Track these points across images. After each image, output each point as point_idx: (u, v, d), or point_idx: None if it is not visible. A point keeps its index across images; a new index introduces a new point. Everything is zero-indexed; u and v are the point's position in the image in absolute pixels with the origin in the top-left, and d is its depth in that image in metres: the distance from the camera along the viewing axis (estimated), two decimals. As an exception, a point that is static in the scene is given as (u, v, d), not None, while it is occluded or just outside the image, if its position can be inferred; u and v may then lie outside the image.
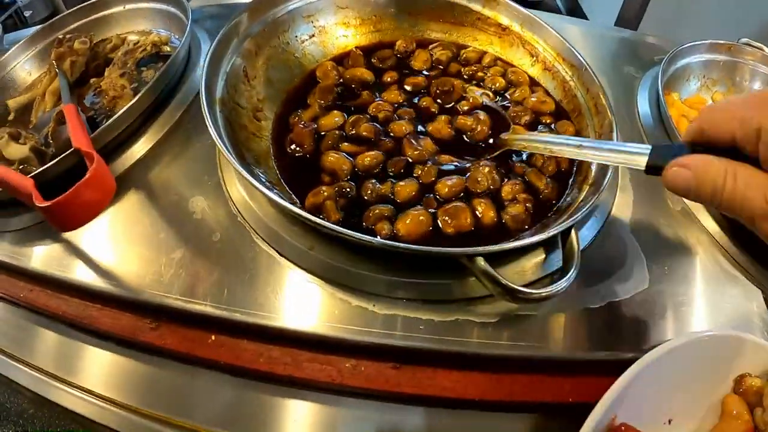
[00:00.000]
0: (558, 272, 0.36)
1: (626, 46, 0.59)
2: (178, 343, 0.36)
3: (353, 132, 0.43)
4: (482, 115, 0.45)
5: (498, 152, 0.43)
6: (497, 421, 0.35)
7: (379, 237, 0.35)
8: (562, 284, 0.32)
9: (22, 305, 0.42)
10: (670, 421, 0.37)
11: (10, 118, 0.55)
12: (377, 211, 0.37)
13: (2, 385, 0.41)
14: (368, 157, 0.41)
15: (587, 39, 0.60)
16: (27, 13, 1.00)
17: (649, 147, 0.29)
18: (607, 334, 0.35)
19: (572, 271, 0.33)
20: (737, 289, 0.40)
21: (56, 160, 0.39)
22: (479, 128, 0.44)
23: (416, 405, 0.35)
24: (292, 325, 0.34)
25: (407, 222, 0.36)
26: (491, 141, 0.44)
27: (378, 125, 0.44)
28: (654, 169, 0.28)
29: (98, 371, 0.39)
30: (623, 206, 0.42)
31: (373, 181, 0.39)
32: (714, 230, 0.42)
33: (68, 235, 0.42)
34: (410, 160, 0.41)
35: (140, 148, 0.45)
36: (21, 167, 0.47)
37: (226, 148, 0.35)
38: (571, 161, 0.43)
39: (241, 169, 0.33)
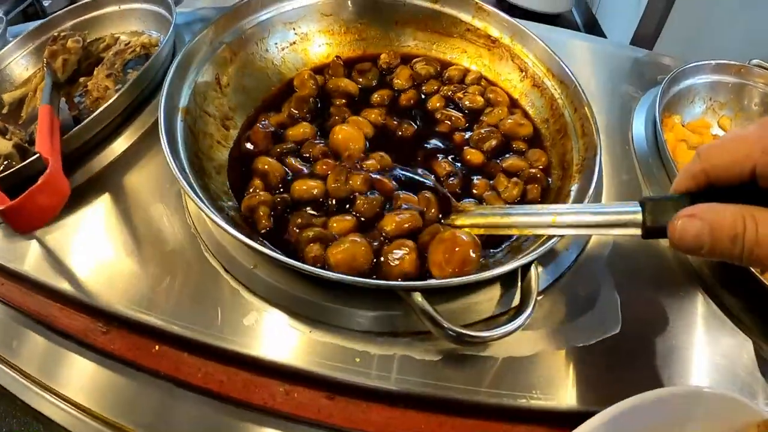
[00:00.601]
0: (514, 310, 0.35)
1: (633, 65, 0.56)
2: (125, 349, 0.38)
3: (308, 155, 0.42)
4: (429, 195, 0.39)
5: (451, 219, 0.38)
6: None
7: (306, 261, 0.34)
8: (510, 326, 0.31)
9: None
10: None
11: (4, 111, 0.59)
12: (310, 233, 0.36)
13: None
14: (307, 187, 0.39)
15: (594, 56, 0.57)
16: (46, 3, 1.07)
17: (638, 204, 0.26)
18: (562, 382, 0.33)
19: (527, 311, 0.31)
20: (724, 339, 0.37)
21: (21, 165, 0.42)
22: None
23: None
24: (229, 345, 0.34)
25: (341, 250, 0.34)
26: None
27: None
28: (653, 231, 0.26)
29: (56, 368, 0.42)
30: (600, 244, 0.40)
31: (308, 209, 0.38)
32: (701, 270, 0.39)
33: (39, 233, 0.45)
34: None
35: (117, 148, 0.48)
36: (5, 162, 0.52)
37: (176, 162, 0.36)
38: (543, 190, 0.42)
39: (182, 180, 0.34)
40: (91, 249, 0.42)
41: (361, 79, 0.50)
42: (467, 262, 0.33)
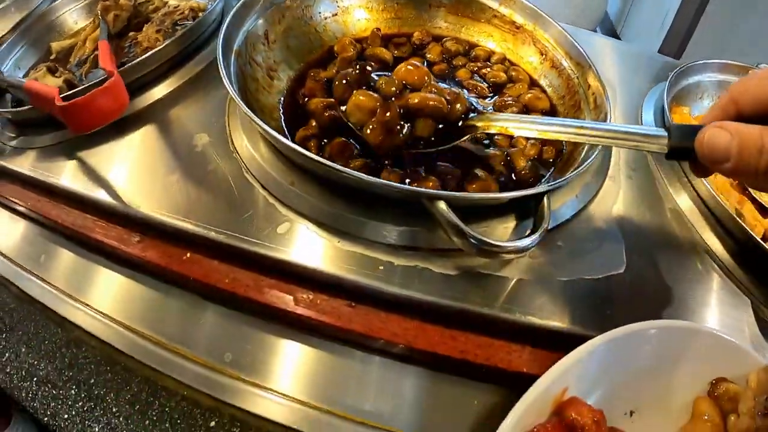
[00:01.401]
0: (528, 235, 0.40)
1: (650, 64, 0.65)
2: (157, 256, 0.43)
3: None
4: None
5: (465, 138, 0.43)
6: (444, 384, 0.38)
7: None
8: (525, 241, 0.36)
9: (30, 214, 0.51)
10: (631, 413, 0.38)
11: (51, 58, 0.67)
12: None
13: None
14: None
15: (615, 54, 0.66)
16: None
17: (665, 129, 0.29)
18: (571, 308, 0.38)
19: (540, 231, 0.37)
20: (723, 293, 0.42)
21: (85, 86, 0.49)
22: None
23: (365, 351, 0.39)
24: (261, 250, 0.39)
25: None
26: (459, 123, 0.43)
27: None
28: (678, 149, 0.28)
29: (88, 284, 0.46)
30: (610, 194, 0.46)
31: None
32: (703, 230, 0.45)
33: (81, 153, 0.51)
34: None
35: (161, 90, 0.55)
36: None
37: (231, 85, 0.43)
38: (557, 152, 0.48)
39: (238, 99, 0.41)
40: (132, 166, 0.48)
41: (396, 51, 0.58)
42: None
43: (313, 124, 0.48)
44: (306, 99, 0.51)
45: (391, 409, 0.37)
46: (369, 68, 0.45)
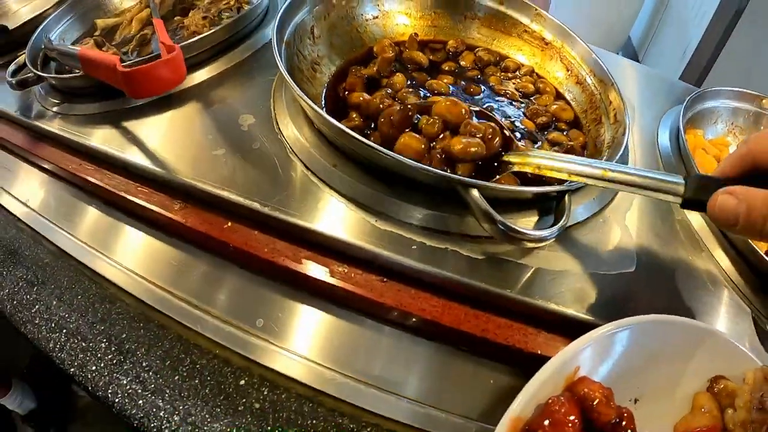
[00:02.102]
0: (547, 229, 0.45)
1: (670, 89, 0.72)
2: (198, 223, 0.48)
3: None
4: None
5: (502, 174, 0.46)
6: (466, 362, 0.43)
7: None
8: (546, 231, 0.41)
9: (70, 177, 0.56)
10: (635, 401, 0.43)
11: (96, 34, 0.73)
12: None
13: (28, 237, 0.54)
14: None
15: (638, 76, 0.73)
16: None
17: (682, 178, 0.33)
18: (584, 298, 0.43)
19: (560, 224, 0.42)
20: (724, 301, 0.47)
21: (143, 58, 0.55)
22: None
23: (393, 327, 0.44)
24: (301, 221, 0.44)
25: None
26: (495, 164, 0.47)
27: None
28: (692, 202, 0.32)
29: (124, 245, 0.51)
30: (624, 201, 0.51)
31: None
32: (709, 240, 0.50)
33: (127, 123, 0.56)
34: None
35: (207, 72, 0.61)
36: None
37: (283, 63, 0.48)
38: (582, 151, 0.54)
39: (290, 79, 0.47)
40: (176, 138, 0.54)
41: (431, 56, 0.65)
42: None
43: (354, 116, 0.54)
44: (347, 93, 0.57)
45: (411, 380, 0.42)
46: (410, 110, 0.49)
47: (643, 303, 0.45)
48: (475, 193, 0.41)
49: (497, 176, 0.47)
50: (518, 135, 0.56)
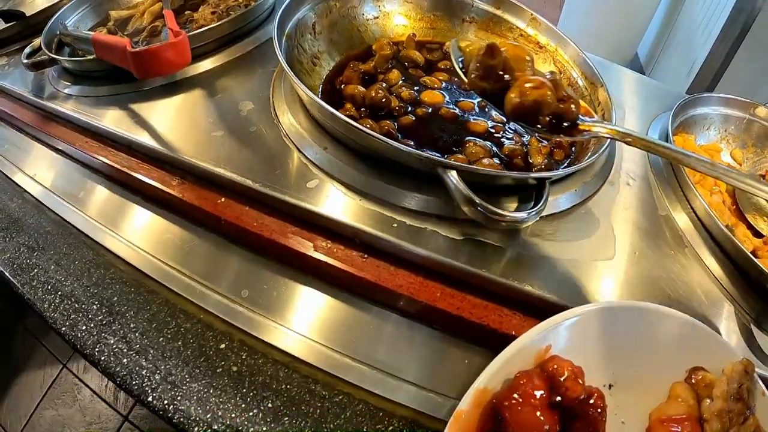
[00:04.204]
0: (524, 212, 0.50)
1: (663, 95, 0.77)
2: (194, 197, 0.54)
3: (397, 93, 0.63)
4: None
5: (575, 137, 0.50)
6: (440, 342, 0.47)
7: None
8: (523, 214, 0.46)
9: (77, 155, 0.63)
10: (610, 386, 0.46)
11: (110, 24, 0.82)
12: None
13: (32, 207, 0.60)
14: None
15: (631, 82, 0.79)
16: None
17: None
18: (560, 283, 0.48)
19: (537, 208, 0.46)
20: (706, 296, 0.51)
21: (150, 45, 0.62)
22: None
23: (372, 302, 0.49)
24: (290, 198, 0.50)
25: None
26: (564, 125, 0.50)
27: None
28: None
29: (124, 218, 0.57)
30: (607, 195, 0.56)
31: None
32: (694, 238, 0.55)
33: (133, 105, 0.63)
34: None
35: (212, 62, 0.69)
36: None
37: (283, 58, 0.55)
38: (566, 155, 0.60)
39: (287, 68, 0.53)
40: (179, 120, 0.61)
41: (428, 56, 0.71)
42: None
43: (348, 106, 0.60)
44: (343, 85, 0.64)
45: (384, 353, 0.46)
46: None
47: (621, 292, 0.49)
48: (453, 174, 0.46)
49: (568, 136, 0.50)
50: (509, 131, 0.62)
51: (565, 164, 0.60)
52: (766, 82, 1.22)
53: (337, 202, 0.50)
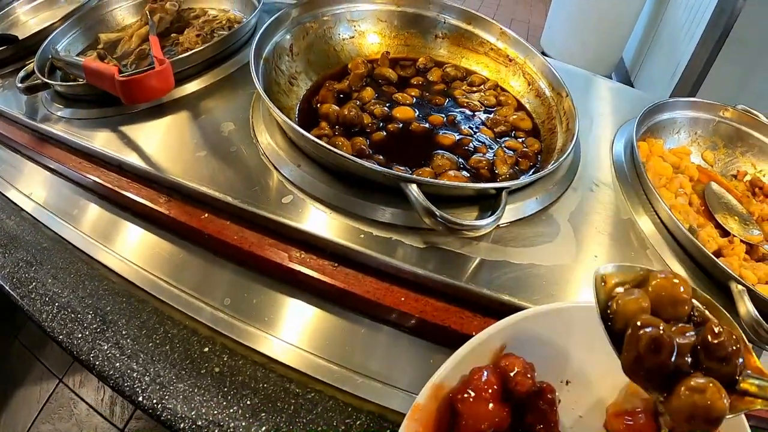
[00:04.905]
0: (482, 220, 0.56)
1: (633, 101, 0.84)
2: (179, 214, 0.61)
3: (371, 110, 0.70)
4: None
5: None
6: (406, 343, 0.53)
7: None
8: (481, 222, 0.52)
9: (70, 174, 0.70)
10: (567, 382, 0.52)
11: (99, 47, 0.89)
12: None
13: (29, 225, 0.67)
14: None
15: (601, 90, 0.86)
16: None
17: None
18: (520, 286, 0.54)
19: (494, 216, 0.53)
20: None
21: (139, 70, 0.69)
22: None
23: (342, 307, 0.55)
24: (267, 213, 0.57)
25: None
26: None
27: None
28: None
29: (116, 234, 0.64)
30: (570, 201, 0.63)
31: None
32: (651, 233, 0.61)
33: (122, 128, 0.70)
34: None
35: (196, 85, 0.76)
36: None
37: (259, 82, 0.62)
38: (531, 165, 0.66)
39: (263, 94, 0.60)
40: (165, 141, 0.68)
41: (401, 72, 0.78)
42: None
43: (323, 124, 0.67)
44: (318, 104, 0.71)
45: (355, 354, 0.52)
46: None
47: (580, 294, 0.55)
48: (414, 188, 0.52)
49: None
50: (476, 142, 0.68)
51: (530, 173, 0.66)
52: (748, 82, 1.28)
53: (309, 216, 0.57)
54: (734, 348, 0.38)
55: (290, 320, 0.55)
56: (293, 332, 0.54)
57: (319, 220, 0.57)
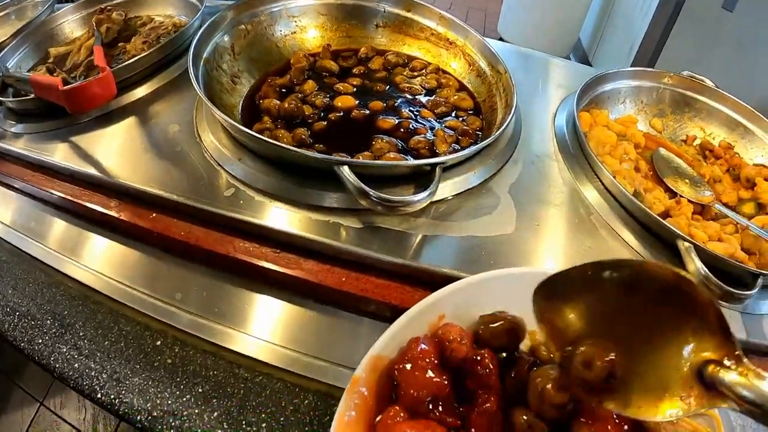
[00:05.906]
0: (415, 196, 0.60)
1: (576, 75, 0.88)
2: (130, 216, 0.65)
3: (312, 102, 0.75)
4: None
5: None
6: (350, 321, 0.58)
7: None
8: (413, 198, 0.56)
9: (24, 188, 0.74)
10: None
11: (49, 61, 0.94)
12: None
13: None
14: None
15: (549, 67, 0.90)
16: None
17: None
18: (460, 259, 0.58)
19: (427, 192, 0.57)
20: (609, 247, 0.61)
21: (82, 80, 0.74)
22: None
23: (287, 291, 0.59)
24: (207, 207, 0.61)
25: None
26: None
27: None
28: None
29: (70, 241, 0.69)
30: (509, 173, 0.67)
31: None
32: (596, 200, 0.65)
33: (73, 138, 0.75)
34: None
35: (143, 90, 0.80)
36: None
37: (198, 85, 0.66)
38: (472, 143, 0.70)
39: (202, 95, 0.64)
40: (115, 148, 0.72)
41: (343, 63, 0.82)
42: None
43: (266, 119, 0.71)
44: (261, 100, 0.75)
45: (302, 336, 0.57)
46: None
47: (521, 262, 0.59)
48: (345, 169, 0.57)
49: None
50: (417, 124, 0.72)
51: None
52: (703, 55, 1.32)
53: (250, 206, 0.62)
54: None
55: (237, 308, 0.59)
56: (240, 319, 0.58)
57: (260, 210, 0.61)
